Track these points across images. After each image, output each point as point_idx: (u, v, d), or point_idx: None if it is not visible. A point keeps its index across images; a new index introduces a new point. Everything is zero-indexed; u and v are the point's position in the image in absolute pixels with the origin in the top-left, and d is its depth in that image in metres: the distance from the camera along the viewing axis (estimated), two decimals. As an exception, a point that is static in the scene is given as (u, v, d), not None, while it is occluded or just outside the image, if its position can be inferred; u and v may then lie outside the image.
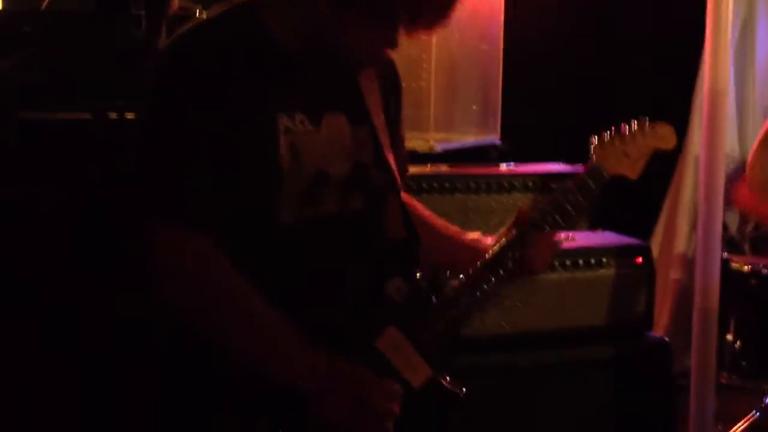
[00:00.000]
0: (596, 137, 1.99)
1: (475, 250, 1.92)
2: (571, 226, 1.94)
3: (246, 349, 1.66)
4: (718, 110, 3.21)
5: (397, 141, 1.92)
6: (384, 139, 1.82)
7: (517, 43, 4.17)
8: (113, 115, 2.58)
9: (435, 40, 3.87)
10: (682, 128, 4.34)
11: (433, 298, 1.81)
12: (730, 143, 4.18)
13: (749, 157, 3.38)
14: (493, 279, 1.85)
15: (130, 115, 2.59)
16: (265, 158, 1.66)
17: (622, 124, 2.01)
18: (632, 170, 1.99)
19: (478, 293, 1.84)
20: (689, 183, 4.24)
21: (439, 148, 3.67)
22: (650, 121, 2.00)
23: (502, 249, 1.88)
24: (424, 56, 3.89)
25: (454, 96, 4.08)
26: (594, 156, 1.97)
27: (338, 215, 1.75)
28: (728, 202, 4.23)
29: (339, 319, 1.72)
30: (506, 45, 4.07)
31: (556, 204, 1.91)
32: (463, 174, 3.17)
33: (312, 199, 1.71)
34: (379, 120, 1.82)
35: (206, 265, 1.63)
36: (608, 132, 2.00)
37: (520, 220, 1.91)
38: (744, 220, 4.38)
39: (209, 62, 1.65)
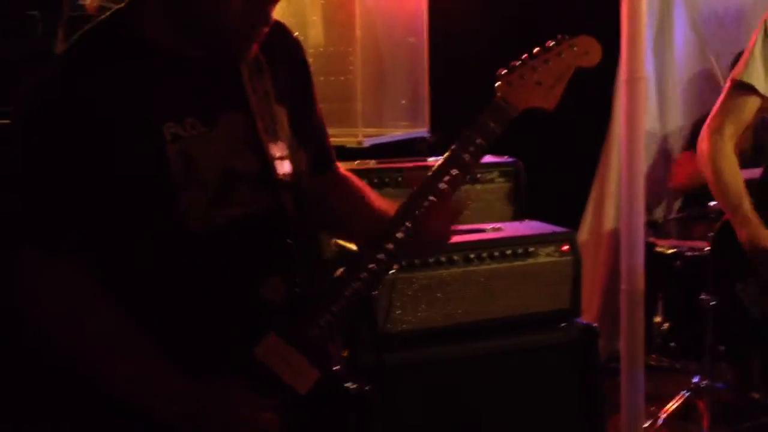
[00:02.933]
0: (502, 70, 1.74)
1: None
2: (468, 174, 1.71)
3: (106, 374, 1.58)
4: (636, 97, 3.28)
5: (309, 121, 1.84)
6: (266, 126, 1.70)
7: (443, 34, 4.18)
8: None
9: (360, 34, 3.87)
10: (606, 113, 4.41)
11: (314, 291, 1.66)
12: (651, 122, 4.29)
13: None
14: (381, 256, 1.66)
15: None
16: (153, 172, 1.59)
17: (533, 50, 1.76)
18: (547, 99, 1.75)
19: (364, 275, 1.65)
20: (614, 165, 4.30)
21: (366, 143, 3.69)
22: (567, 37, 1.77)
23: (392, 222, 1.68)
24: (349, 50, 3.89)
25: (382, 90, 4.09)
26: (498, 92, 1.73)
27: (251, 215, 1.67)
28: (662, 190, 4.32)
29: (228, 328, 1.63)
30: (432, 37, 4.08)
31: (452, 157, 1.69)
32: (391, 168, 3.19)
33: (223, 202, 1.64)
34: (262, 107, 1.70)
35: (64, 288, 1.59)
36: (516, 62, 1.76)
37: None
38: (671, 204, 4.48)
39: (77, 96, 1.57)
